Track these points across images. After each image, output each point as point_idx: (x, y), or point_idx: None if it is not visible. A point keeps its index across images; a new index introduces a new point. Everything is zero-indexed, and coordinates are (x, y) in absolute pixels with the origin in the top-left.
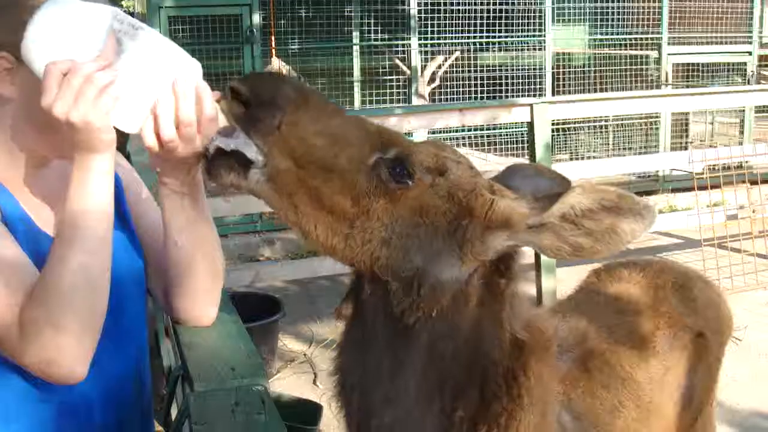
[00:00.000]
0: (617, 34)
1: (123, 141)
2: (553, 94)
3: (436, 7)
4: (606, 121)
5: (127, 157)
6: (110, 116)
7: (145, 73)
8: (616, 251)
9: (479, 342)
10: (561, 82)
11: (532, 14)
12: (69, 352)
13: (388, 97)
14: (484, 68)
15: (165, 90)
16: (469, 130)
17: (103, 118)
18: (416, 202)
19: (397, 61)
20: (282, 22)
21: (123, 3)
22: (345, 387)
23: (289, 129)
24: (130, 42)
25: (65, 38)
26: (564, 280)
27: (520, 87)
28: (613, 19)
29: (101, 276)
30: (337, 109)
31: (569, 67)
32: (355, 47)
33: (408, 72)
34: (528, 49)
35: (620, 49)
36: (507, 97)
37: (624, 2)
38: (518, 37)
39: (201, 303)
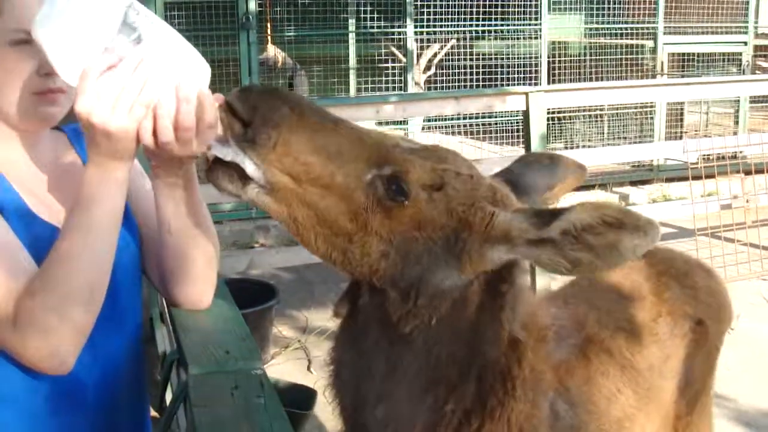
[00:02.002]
0: (613, 23)
1: None
2: (548, 83)
3: None
4: (601, 110)
5: None
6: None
7: (156, 69)
8: (615, 267)
9: (477, 342)
10: (556, 71)
11: (528, 3)
12: (62, 347)
13: (383, 85)
14: (480, 56)
15: (169, 89)
16: (465, 118)
17: (134, 126)
18: (413, 218)
19: (393, 49)
20: (278, 8)
21: None
22: (339, 379)
23: (284, 148)
24: (146, 35)
25: (79, 21)
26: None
27: (516, 75)
28: (608, 9)
29: (103, 277)
30: (335, 123)
31: (565, 56)
32: (351, 34)
33: (404, 60)
34: (524, 38)
35: (616, 39)
36: (502, 85)
37: None
38: (514, 25)
39: (197, 287)
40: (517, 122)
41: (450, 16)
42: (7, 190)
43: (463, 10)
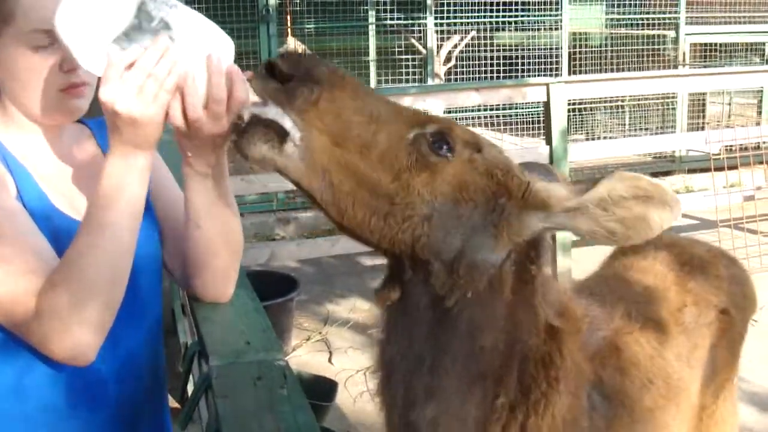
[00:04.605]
0: (634, 13)
1: None
2: (569, 74)
3: None
4: (622, 101)
5: None
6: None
7: (182, 52)
8: (645, 239)
9: (515, 330)
10: (577, 62)
11: None
12: (84, 337)
13: (403, 77)
14: (500, 48)
15: (198, 66)
16: (485, 110)
17: (161, 113)
18: (456, 177)
19: (413, 41)
20: (298, 1)
21: None
22: (388, 381)
23: (327, 105)
24: (168, 19)
25: (98, 12)
26: (579, 261)
27: (536, 67)
28: None
29: (125, 269)
30: (371, 90)
31: (586, 47)
32: (370, 27)
33: (424, 51)
34: (544, 29)
35: (637, 29)
36: (523, 76)
37: None
38: (534, 16)
39: (219, 282)
40: (537, 114)
41: (470, 8)
42: (31, 186)
43: (483, 1)
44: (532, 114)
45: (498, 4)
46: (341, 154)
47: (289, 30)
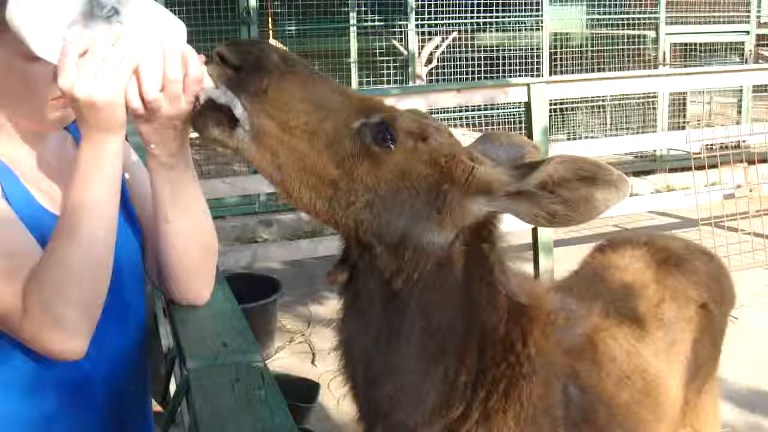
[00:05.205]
0: (615, 14)
1: None
2: (550, 75)
3: None
4: (603, 100)
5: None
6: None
7: (134, 36)
8: (589, 219)
9: (472, 307)
10: (558, 62)
11: None
12: (72, 328)
13: (385, 78)
14: (482, 49)
15: (151, 49)
16: (467, 111)
17: (120, 96)
18: (398, 166)
19: (395, 42)
20: (278, 3)
21: None
22: (348, 359)
23: (275, 93)
24: (118, 5)
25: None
26: (561, 260)
27: (518, 67)
28: None
29: (107, 255)
30: (322, 77)
31: (566, 47)
32: (352, 29)
33: (405, 53)
34: (525, 30)
35: (618, 29)
36: (504, 77)
37: None
38: (515, 17)
39: (194, 283)
40: (519, 114)
41: (451, 9)
42: (18, 187)
43: (464, 2)
44: (513, 114)
45: (479, 5)
46: (289, 139)
47: (270, 32)
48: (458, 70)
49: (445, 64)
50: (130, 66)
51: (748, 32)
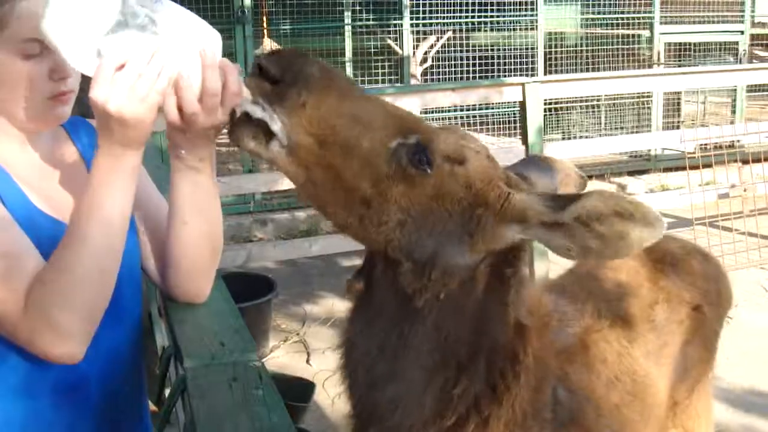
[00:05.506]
0: (609, 13)
1: None
2: (545, 74)
3: None
4: (598, 100)
5: None
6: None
7: (171, 51)
8: (621, 257)
9: (485, 325)
10: (553, 62)
11: None
12: (72, 333)
13: (380, 78)
14: (476, 48)
15: (189, 61)
16: (462, 110)
17: (152, 115)
18: (434, 190)
19: (390, 42)
20: (273, 2)
21: None
22: (350, 360)
23: (313, 108)
24: (155, 17)
25: (84, 12)
26: (557, 262)
27: (512, 67)
28: None
29: (115, 265)
30: (362, 91)
31: (561, 47)
32: (347, 28)
33: (400, 52)
34: (520, 29)
35: (612, 29)
36: (499, 76)
37: None
38: (510, 16)
39: (200, 281)
40: (514, 113)
41: (446, 8)
42: (13, 188)
43: (459, 1)
44: (508, 114)
45: (474, 4)
46: (324, 155)
47: (265, 31)
48: (453, 69)
49: (440, 63)
50: (165, 83)
51: (742, 32)
